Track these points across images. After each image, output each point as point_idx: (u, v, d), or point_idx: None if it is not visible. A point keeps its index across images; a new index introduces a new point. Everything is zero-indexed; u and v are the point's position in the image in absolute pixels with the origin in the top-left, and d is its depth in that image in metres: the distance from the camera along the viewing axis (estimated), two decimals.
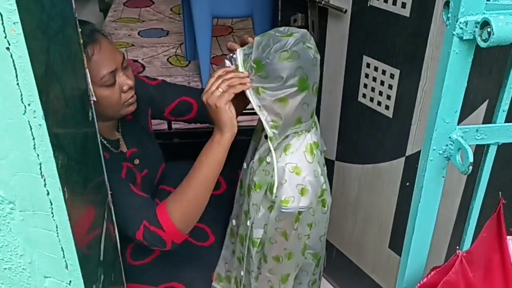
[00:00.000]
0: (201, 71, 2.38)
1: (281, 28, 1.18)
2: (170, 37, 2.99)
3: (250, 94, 1.15)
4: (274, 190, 1.22)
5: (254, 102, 1.15)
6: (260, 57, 1.13)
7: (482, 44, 0.58)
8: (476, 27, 0.59)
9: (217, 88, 1.14)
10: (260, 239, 1.32)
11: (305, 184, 1.20)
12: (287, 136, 1.22)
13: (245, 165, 1.38)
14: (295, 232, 1.25)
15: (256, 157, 1.27)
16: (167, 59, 2.70)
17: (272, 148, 1.21)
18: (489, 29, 0.57)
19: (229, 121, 1.17)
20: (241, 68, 1.16)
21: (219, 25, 3.08)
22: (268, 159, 1.24)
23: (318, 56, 1.17)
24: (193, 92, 1.56)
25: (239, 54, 1.17)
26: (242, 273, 1.43)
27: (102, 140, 1.33)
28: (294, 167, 1.20)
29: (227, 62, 1.20)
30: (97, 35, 1.23)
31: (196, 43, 2.37)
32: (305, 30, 1.17)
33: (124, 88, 1.26)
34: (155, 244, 1.23)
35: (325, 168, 1.40)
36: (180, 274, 1.42)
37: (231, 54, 1.19)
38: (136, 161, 1.45)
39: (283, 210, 1.21)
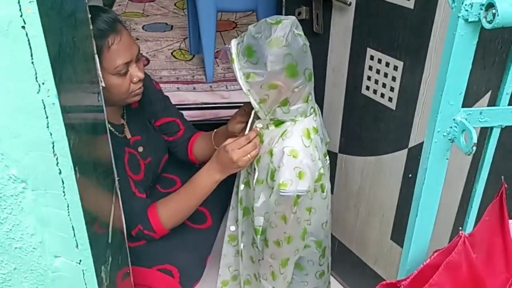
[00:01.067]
0: (205, 65, 2.39)
1: (272, 16, 1.21)
2: (174, 31, 3.00)
3: (240, 78, 1.19)
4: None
5: (244, 87, 1.21)
6: (251, 43, 1.18)
7: (487, 26, 0.60)
8: (481, 9, 0.60)
9: (248, 153, 1.28)
10: (261, 226, 1.34)
11: (303, 167, 1.22)
12: (283, 122, 1.25)
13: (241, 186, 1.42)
14: (294, 216, 1.27)
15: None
16: (171, 53, 2.71)
17: (252, 115, 1.29)
18: (494, 11, 0.58)
19: (233, 173, 1.37)
20: (234, 56, 1.19)
21: (223, 20, 3.10)
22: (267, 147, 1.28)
23: (308, 43, 1.21)
24: (186, 122, 1.66)
25: (233, 44, 1.24)
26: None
27: (109, 125, 1.36)
28: (291, 150, 1.22)
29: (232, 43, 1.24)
30: (119, 25, 1.28)
31: (200, 37, 2.38)
32: (294, 17, 1.21)
33: (135, 79, 1.32)
34: (145, 240, 1.42)
35: (328, 158, 1.41)
36: (174, 257, 1.45)
37: (226, 45, 1.25)
38: (140, 149, 1.49)
39: (281, 194, 1.23)
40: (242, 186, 1.40)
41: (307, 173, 1.22)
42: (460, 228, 0.77)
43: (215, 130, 1.59)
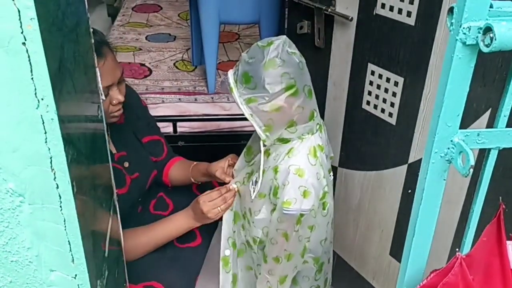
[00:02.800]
0: (207, 76, 2.40)
1: (263, 40, 1.22)
2: (177, 42, 3.02)
3: (241, 104, 1.19)
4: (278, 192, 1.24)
5: (246, 112, 1.20)
6: (246, 69, 1.18)
7: (485, 49, 0.60)
8: (479, 32, 0.60)
9: (218, 206, 1.38)
10: (259, 238, 1.34)
11: (308, 187, 1.21)
12: (289, 140, 1.25)
13: (236, 185, 1.42)
14: (296, 234, 1.26)
15: (259, 172, 1.31)
16: (174, 64, 2.72)
17: (262, 149, 1.27)
18: (491, 35, 0.58)
19: (206, 223, 1.43)
20: (232, 85, 1.20)
21: (226, 31, 3.11)
22: (271, 164, 1.27)
23: (303, 60, 1.21)
24: (168, 145, 1.68)
25: (230, 75, 1.23)
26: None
27: None
28: (297, 169, 1.22)
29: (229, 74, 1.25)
30: (105, 49, 1.29)
31: (203, 48, 2.39)
32: (285, 36, 1.21)
33: (114, 101, 1.33)
34: None
35: (331, 174, 1.41)
36: (161, 274, 1.43)
37: (224, 77, 1.26)
38: (126, 164, 1.49)
39: (285, 212, 1.22)
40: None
41: (311, 192, 1.22)
42: (457, 249, 0.77)
43: (195, 162, 1.62)
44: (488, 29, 0.59)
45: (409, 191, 1.43)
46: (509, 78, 0.68)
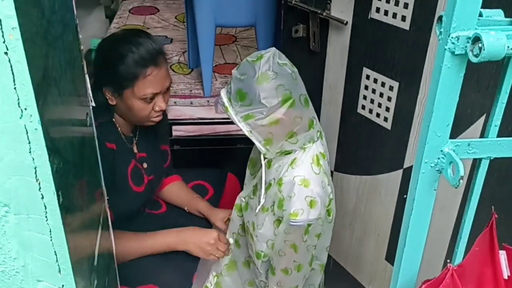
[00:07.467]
0: (203, 79, 2.39)
1: (252, 54, 1.20)
2: (174, 44, 3.00)
3: (239, 122, 1.17)
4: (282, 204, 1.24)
5: (244, 129, 1.18)
6: (240, 86, 1.16)
7: (474, 59, 0.59)
8: (468, 42, 0.60)
9: (220, 253, 1.45)
10: (263, 252, 1.33)
11: (314, 196, 1.19)
12: (291, 152, 1.23)
13: (242, 200, 1.42)
14: (304, 244, 1.24)
15: (263, 187, 1.30)
16: (170, 66, 2.71)
17: (263, 162, 1.26)
18: (480, 45, 0.57)
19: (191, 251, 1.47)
20: (227, 104, 1.18)
21: (222, 34, 3.10)
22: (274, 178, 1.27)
23: (295, 69, 1.19)
24: (171, 162, 1.72)
25: (223, 95, 1.22)
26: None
27: (121, 133, 1.47)
28: (302, 180, 1.20)
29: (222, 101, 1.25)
30: (161, 59, 1.36)
31: (199, 51, 2.38)
32: (274, 48, 1.19)
33: (157, 108, 1.39)
34: None
35: (331, 178, 1.41)
36: (158, 275, 1.45)
37: (217, 99, 1.24)
38: (145, 165, 1.54)
39: (292, 224, 1.20)
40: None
41: (318, 202, 1.20)
42: (448, 260, 0.76)
43: (195, 195, 1.68)
44: (477, 39, 0.58)
45: (405, 196, 1.41)
46: (499, 88, 0.67)
